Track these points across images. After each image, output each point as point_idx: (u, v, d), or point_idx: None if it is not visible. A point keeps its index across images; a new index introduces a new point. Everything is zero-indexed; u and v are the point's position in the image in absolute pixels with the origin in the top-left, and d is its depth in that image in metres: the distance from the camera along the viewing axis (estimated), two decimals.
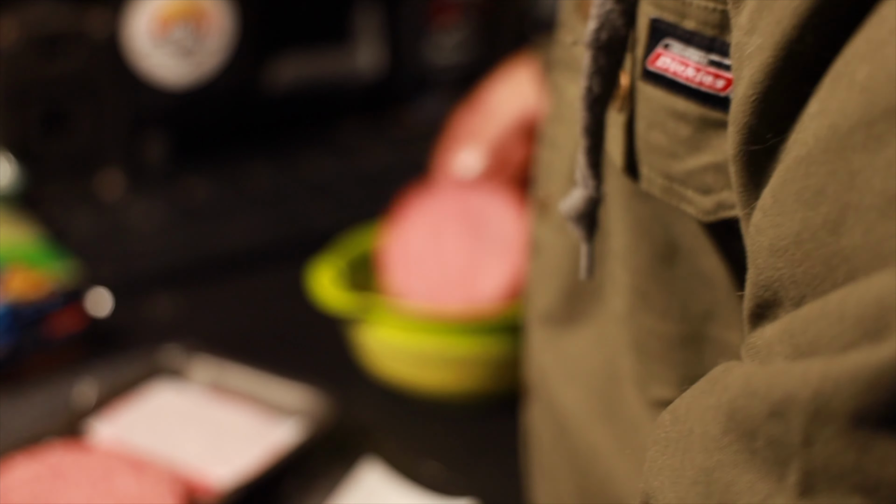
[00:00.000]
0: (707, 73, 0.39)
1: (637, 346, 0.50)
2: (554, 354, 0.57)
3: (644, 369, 0.50)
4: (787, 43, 0.31)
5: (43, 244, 1.03)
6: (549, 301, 0.57)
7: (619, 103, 0.44)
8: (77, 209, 1.12)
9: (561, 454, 0.57)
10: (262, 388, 0.78)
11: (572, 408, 0.55)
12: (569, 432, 0.56)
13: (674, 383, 0.48)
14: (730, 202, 0.40)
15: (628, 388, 0.52)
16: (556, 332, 0.57)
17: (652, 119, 0.43)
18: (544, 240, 0.59)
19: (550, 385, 0.57)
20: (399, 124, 1.42)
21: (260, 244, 1.11)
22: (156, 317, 0.95)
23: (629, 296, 0.49)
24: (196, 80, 1.15)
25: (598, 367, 0.54)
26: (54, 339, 0.85)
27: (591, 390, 0.54)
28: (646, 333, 0.49)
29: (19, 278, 0.87)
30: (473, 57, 1.39)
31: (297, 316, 0.96)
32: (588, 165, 0.45)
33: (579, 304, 0.55)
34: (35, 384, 0.82)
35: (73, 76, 1.09)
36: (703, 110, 0.40)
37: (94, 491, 0.66)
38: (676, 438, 0.33)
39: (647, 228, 0.47)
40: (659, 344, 0.48)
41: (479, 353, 0.80)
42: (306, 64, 1.27)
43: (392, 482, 0.72)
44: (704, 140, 0.41)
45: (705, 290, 0.46)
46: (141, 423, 0.74)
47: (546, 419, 0.59)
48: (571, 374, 0.56)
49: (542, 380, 0.59)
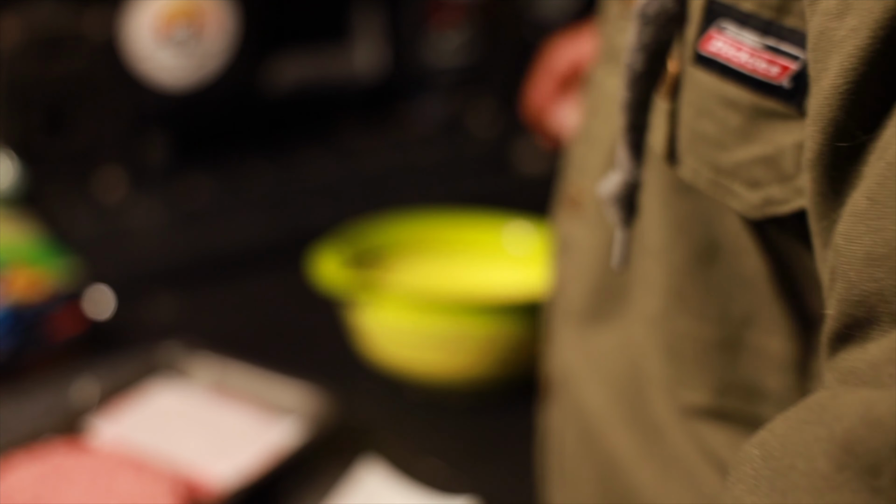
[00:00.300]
0: (762, 58, 0.38)
1: (669, 349, 0.48)
2: (580, 353, 0.55)
3: (674, 374, 0.48)
4: (890, 21, 0.29)
5: (44, 244, 1.03)
6: (576, 299, 0.56)
7: (665, 91, 0.42)
8: (78, 209, 1.12)
9: (584, 457, 0.55)
10: (263, 388, 0.78)
11: (597, 410, 0.54)
12: (593, 435, 0.54)
13: (706, 389, 0.46)
14: (778, 198, 0.39)
15: (654, 393, 0.50)
16: (582, 330, 0.55)
17: (701, 106, 0.41)
18: (574, 237, 0.57)
19: (575, 384, 0.55)
20: (399, 125, 1.42)
21: (260, 244, 1.11)
22: (156, 316, 0.95)
23: (664, 296, 0.47)
24: (197, 81, 1.16)
25: (622, 369, 0.52)
26: (55, 339, 0.85)
27: (616, 393, 0.53)
28: (680, 336, 0.47)
29: (21, 278, 0.87)
30: (473, 57, 1.39)
31: (297, 315, 0.96)
32: (627, 147, 0.43)
33: (607, 304, 0.54)
34: (36, 384, 0.82)
35: (74, 77, 1.09)
36: (756, 98, 0.38)
37: (95, 490, 0.66)
38: (771, 476, 0.29)
39: (687, 226, 0.45)
40: (693, 347, 0.47)
41: (477, 334, 0.80)
42: (306, 64, 1.27)
43: (392, 481, 0.73)
44: (755, 130, 0.39)
45: (745, 293, 0.44)
46: (141, 422, 0.74)
47: (569, 420, 0.57)
48: (596, 375, 0.54)
49: (565, 378, 0.57)
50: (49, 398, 0.80)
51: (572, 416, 0.56)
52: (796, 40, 0.36)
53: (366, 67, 1.32)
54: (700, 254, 0.45)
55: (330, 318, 0.92)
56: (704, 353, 0.46)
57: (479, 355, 0.81)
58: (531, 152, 1.40)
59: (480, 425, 0.82)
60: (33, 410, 0.79)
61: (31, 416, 0.78)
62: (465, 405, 0.84)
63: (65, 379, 0.83)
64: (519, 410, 0.84)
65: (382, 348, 0.84)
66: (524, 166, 1.39)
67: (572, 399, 0.56)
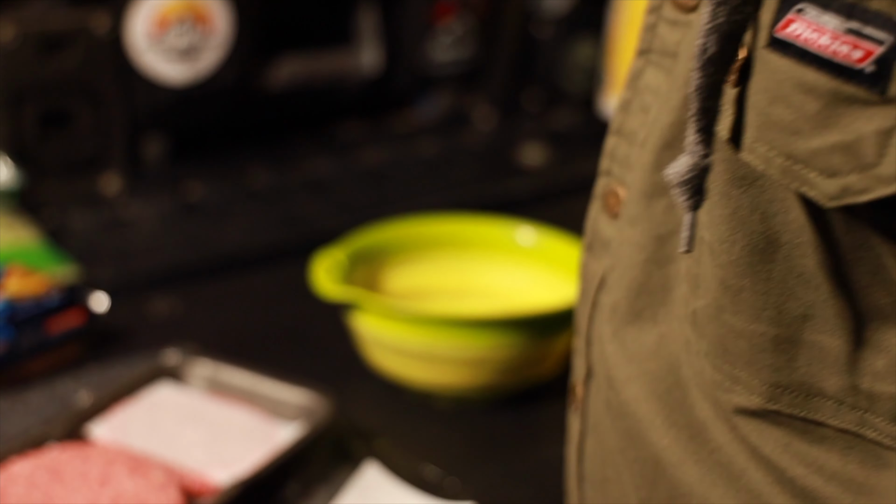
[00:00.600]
0: (843, 42, 0.37)
1: (720, 348, 0.47)
2: (620, 351, 0.54)
3: (724, 375, 0.47)
4: None
5: (41, 244, 1.03)
6: (616, 297, 0.55)
7: (733, 77, 0.42)
8: (75, 209, 1.12)
9: (628, 457, 0.54)
10: (262, 389, 0.78)
11: (639, 410, 0.53)
12: (636, 435, 0.53)
13: (759, 389, 0.46)
14: (857, 188, 0.38)
15: (698, 393, 0.49)
16: (622, 328, 0.54)
17: (776, 92, 0.40)
18: (613, 235, 0.56)
19: (616, 383, 0.55)
20: (399, 124, 1.42)
21: (260, 244, 1.11)
22: (155, 317, 0.95)
23: (717, 293, 0.47)
24: (195, 80, 1.15)
25: (663, 368, 0.52)
26: (53, 340, 0.84)
27: (658, 393, 0.52)
28: (734, 335, 0.46)
29: (17, 278, 0.87)
30: (473, 57, 1.39)
31: (296, 316, 0.96)
32: (697, 131, 0.42)
33: (647, 302, 0.53)
34: (34, 385, 0.82)
35: (71, 76, 1.09)
36: (836, 83, 0.38)
37: (94, 492, 0.65)
38: None
39: (746, 219, 0.44)
40: (748, 346, 0.46)
41: (466, 350, 0.80)
42: (306, 63, 1.27)
43: (391, 483, 0.72)
44: (834, 117, 0.38)
45: (804, 290, 0.43)
46: (140, 424, 0.74)
47: (611, 419, 0.55)
48: (637, 374, 0.53)
49: (605, 376, 0.56)
50: (48, 400, 0.80)
51: (614, 415, 0.55)
52: (882, 23, 0.36)
53: (365, 66, 1.32)
54: (759, 248, 0.44)
55: (330, 318, 0.92)
56: (759, 351, 0.45)
57: (468, 369, 0.81)
58: (533, 147, 1.40)
59: (480, 429, 0.82)
60: (31, 413, 0.78)
61: (30, 419, 0.78)
62: (465, 408, 0.84)
63: (64, 381, 0.82)
64: (520, 414, 0.84)
65: (378, 355, 0.83)
66: (527, 160, 1.38)
67: (614, 398, 0.55)
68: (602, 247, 0.58)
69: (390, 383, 0.85)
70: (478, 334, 0.79)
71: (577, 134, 1.48)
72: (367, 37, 1.32)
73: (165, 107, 1.15)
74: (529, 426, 0.83)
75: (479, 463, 0.77)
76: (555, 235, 0.93)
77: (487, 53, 1.42)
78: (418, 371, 0.81)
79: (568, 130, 1.49)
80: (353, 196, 1.24)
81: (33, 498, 0.65)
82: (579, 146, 1.45)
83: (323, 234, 1.13)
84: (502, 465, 0.77)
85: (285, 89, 1.26)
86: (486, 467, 0.77)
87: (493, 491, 0.74)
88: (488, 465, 0.77)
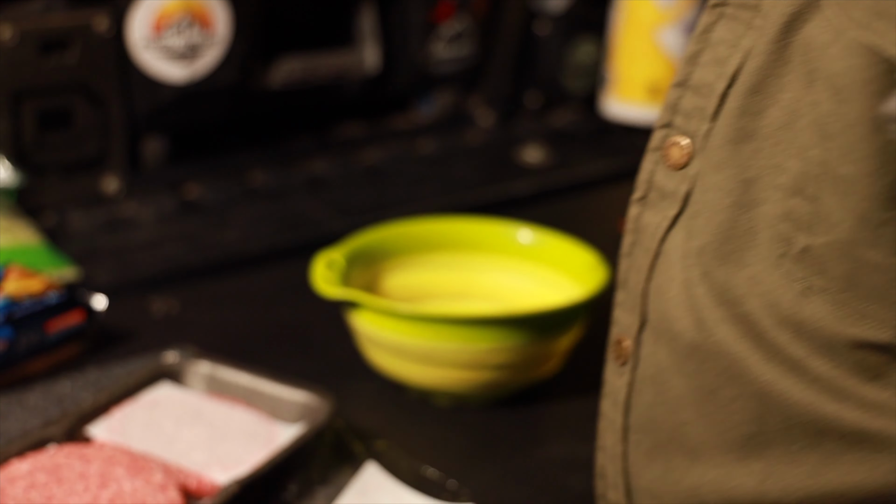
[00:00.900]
0: None
1: (847, 284, 0.49)
2: (708, 290, 0.56)
3: (848, 311, 0.49)
4: None
5: (40, 244, 1.03)
6: (702, 241, 0.56)
7: None
8: (75, 209, 1.12)
9: (720, 395, 0.55)
10: (262, 389, 0.78)
11: (731, 347, 0.54)
12: (733, 371, 0.54)
13: (891, 324, 0.48)
14: None
15: (790, 334, 0.51)
16: (711, 270, 0.56)
17: None
18: (677, 185, 0.58)
19: (705, 321, 0.56)
20: (399, 124, 1.41)
21: (259, 244, 1.11)
22: (154, 317, 0.95)
23: (851, 228, 0.48)
24: (195, 80, 1.15)
25: (754, 311, 0.53)
26: (53, 340, 0.84)
27: (751, 333, 0.54)
28: (869, 269, 0.48)
29: (17, 278, 0.87)
30: (473, 57, 1.39)
31: (296, 316, 0.96)
32: None
33: (733, 248, 0.55)
34: (33, 385, 0.82)
35: (71, 76, 1.09)
36: None
37: (93, 493, 0.65)
38: None
39: (894, 155, 0.46)
40: (883, 280, 0.48)
41: (466, 350, 0.80)
42: (306, 63, 1.27)
43: (391, 484, 0.72)
44: None
45: None
46: (140, 424, 0.74)
47: (689, 359, 0.57)
48: (727, 315, 0.55)
49: (694, 316, 0.57)
50: (47, 401, 0.80)
51: (701, 357, 0.56)
52: None
53: (365, 64, 1.32)
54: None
55: (330, 318, 0.92)
56: (893, 287, 0.47)
57: (468, 369, 0.81)
58: (533, 146, 1.40)
59: (481, 430, 0.82)
60: (31, 414, 0.78)
61: (29, 420, 0.78)
62: (465, 408, 0.84)
63: (63, 382, 0.82)
64: (520, 414, 0.84)
65: (378, 355, 0.83)
66: (527, 160, 1.38)
67: (703, 340, 0.56)
68: (661, 197, 0.59)
69: (390, 383, 0.85)
70: (478, 334, 0.79)
71: (578, 134, 1.48)
72: (367, 37, 1.32)
73: (165, 106, 1.15)
74: (529, 426, 0.82)
75: (479, 463, 0.77)
76: (555, 235, 0.93)
77: (487, 53, 1.42)
78: (418, 371, 0.81)
79: (568, 130, 1.49)
80: (353, 196, 1.24)
81: (33, 498, 0.65)
82: (579, 146, 1.45)
83: (323, 234, 1.13)
84: (502, 465, 0.77)
85: (285, 89, 1.26)
86: (486, 467, 0.77)
87: (493, 491, 0.74)
88: (488, 465, 0.77)
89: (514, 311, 0.82)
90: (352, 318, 0.83)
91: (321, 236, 1.13)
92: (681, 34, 1.40)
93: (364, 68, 1.32)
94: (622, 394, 0.61)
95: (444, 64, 1.36)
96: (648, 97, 1.43)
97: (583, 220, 1.22)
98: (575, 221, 1.20)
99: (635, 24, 1.41)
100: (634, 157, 0.58)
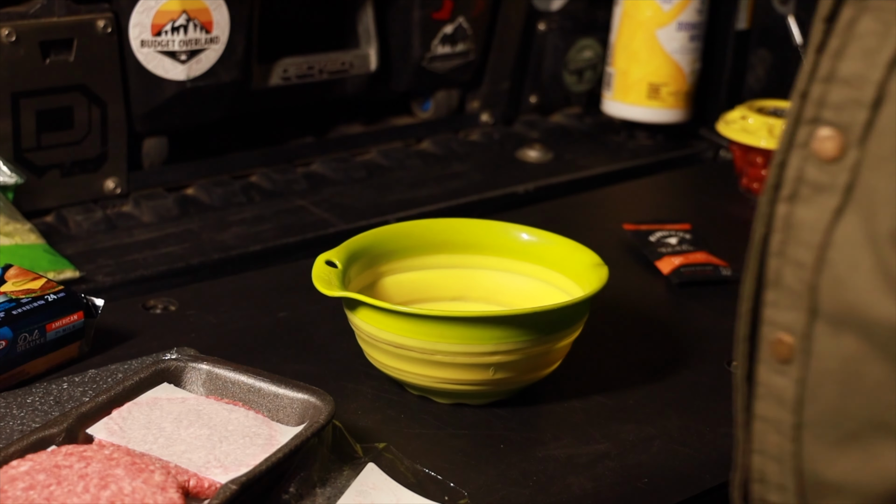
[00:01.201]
0: None
1: None
2: (879, 277, 0.56)
3: None
4: None
5: (40, 244, 1.03)
6: (888, 226, 0.56)
7: None
8: (75, 208, 1.12)
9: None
10: (262, 389, 0.77)
11: None
12: None
13: None
14: None
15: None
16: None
17: None
18: (860, 165, 0.58)
19: (854, 292, 0.56)
20: (399, 123, 1.41)
21: (259, 244, 1.11)
22: (154, 317, 0.95)
23: None
24: (195, 79, 1.15)
25: None
26: (52, 340, 0.84)
27: None
28: None
29: (17, 278, 0.87)
30: (474, 56, 1.39)
31: (296, 316, 0.95)
32: None
33: None
34: (33, 386, 0.82)
35: (71, 75, 1.09)
36: None
37: (93, 493, 0.65)
38: None
39: None
40: None
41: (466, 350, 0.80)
42: (306, 63, 1.27)
43: (391, 484, 0.72)
44: None
45: None
46: (140, 424, 0.74)
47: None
48: None
49: (837, 288, 0.57)
50: (47, 400, 0.80)
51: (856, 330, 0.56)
52: None
53: (365, 64, 1.32)
54: None
55: (330, 318, 0.92)
56: None
57: (468, 369, 0.81)
58: (533, 146, 1.40)
59: (480, 430, 0.81)
60: (30, 415, 0.78)
61: (28, 421, 0.78)
62: (465, 408, 0.84)
63: (63, 380, 0.82)
64: (520, 414, 0.84)
65: (378, 355, 0.83)
66: (527, 160, 1.38)
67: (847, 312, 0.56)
68: (816, 192, 0.59)
69: (390, 383, 0.85)
70: (478, 334, 0.79)
71: (578, 133, 1.48)
72: (367, 37, 1.32)
73: (165, 106, 1.15)
74: (529, 426, 0.82)
75: (479, 463, 0.77)
76: (555, 235, 0.93)
77: (487, 52, 1.42)
78: (418, 371, 0.81)
79: (568, 130, 1.49)
80: (353, 196, 1.24)
81: (33, 498, 0.65)
82: (579, 146, 1.45)
83: (323, 234, 1.14)
84: (502, 465, 0.77)
85: (285, 89, 1.26)
86: (485, 467, 0.77)
87: (492, 491, 0.74)
88: (488, 465, 0.77)
89: (514, 311, 0.82)
90: (352, 318, 0.83)
91: (321, 236, 1.13)
92: (681, 34, 1.40)
93: (364, 68, 1.32)
94: (790, 392, 0.60)
95: (444, 63, 1.36)
96: (648, 97, 1.43)
97: (583, 220, 1.22)
98: (575, 221, 1.20)
99: (636, 23, 1.41)
100: (634, 157, 0.58)
